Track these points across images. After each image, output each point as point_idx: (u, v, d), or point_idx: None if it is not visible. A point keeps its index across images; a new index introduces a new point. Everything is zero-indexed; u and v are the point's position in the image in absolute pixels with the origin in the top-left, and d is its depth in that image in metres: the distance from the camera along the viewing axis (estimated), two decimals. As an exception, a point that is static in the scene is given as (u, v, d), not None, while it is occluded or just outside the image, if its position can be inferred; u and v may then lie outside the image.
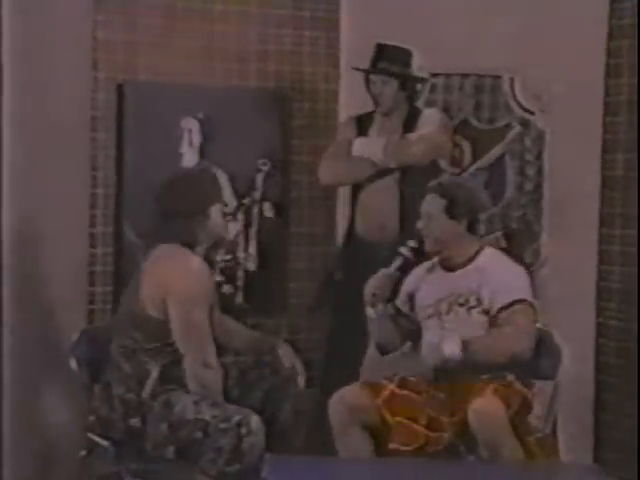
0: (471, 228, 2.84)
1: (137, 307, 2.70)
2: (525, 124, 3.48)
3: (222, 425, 2.58)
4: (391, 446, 2.71)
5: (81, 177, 3.26)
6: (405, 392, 2.79)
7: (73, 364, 2.84)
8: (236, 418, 2.59)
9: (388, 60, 3.20)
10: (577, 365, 3.11)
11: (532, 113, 3.46)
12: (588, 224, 3.42)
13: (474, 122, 3.50)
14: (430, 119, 3.23)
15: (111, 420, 2.68)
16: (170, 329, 2.63)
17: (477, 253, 2.85)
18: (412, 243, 2.92)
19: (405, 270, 2.93)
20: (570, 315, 3.32)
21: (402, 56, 3.22)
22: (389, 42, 3.22)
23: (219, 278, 3.47)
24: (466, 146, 3.52)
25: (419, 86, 3.32)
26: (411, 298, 2.92)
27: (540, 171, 3.48)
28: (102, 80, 3.26)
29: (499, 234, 3.54)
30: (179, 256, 2.69)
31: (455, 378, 2.75)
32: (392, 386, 2.81)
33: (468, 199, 2.83)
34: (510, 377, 2.78)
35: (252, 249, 3.50)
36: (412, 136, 3.20)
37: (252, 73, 3.47)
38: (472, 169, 3.53)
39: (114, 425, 2.68)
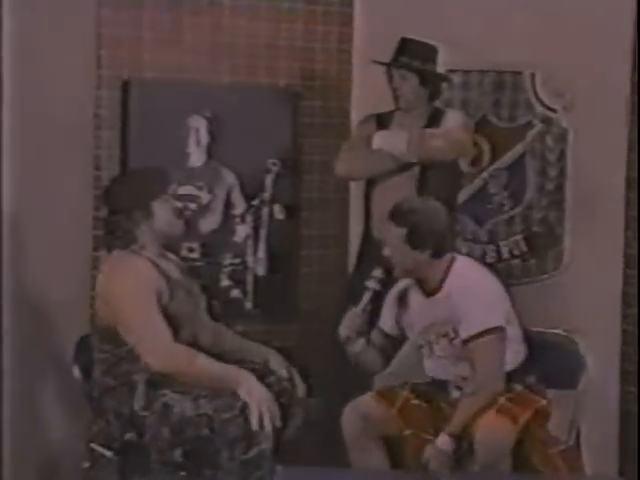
0: (436, 254, 2.74)
1: (96, 319, 2.69)
2: (547, 122, 3.44)
3: (226, 415, 2.55)
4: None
5: (84, 177, 3.24)
6: (417, 402, 2.77)
7: (76, 372, 2.82)
8: (239, 404, 2.56)
9: (410, 55, 3.17)
10: (602, 374, 3.07)
11: (554, 111, 3.43)
12: (613, 227, 3.38)
13: (493, 120, 3.48)
14: (453, 119, 3.20)
15: (111, 432, 2.66)
16: None
17: (446, 274, 2.75)
18: (378, 273, 2.85)
19: (376, 303, 2.87)
20: (594, 322, 3.29)
21: (425, 52, 3.19)
22: (414, 37, 3.18)
23: (227, 283, 3.44)
24: (485, 145, 3.49)
25: (443, 85, 3.27)
26: (397, 318, 2.85)
27: (562, 171, 3.45)
28: (106, 77, 3.24)
29: (519, 237, 3.51)
30: (120, 262, 2.67)
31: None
32: (405, 393, 2.79)
33: (429, 225, 2.72)
34: (518, 387, 2.74)
35: (261, 253, 3.48)
36: (436, 130, 3.17)
37: (262, 70, 3.45)
38: (491, 169, 3.50)
39: (115, 437, 2.66)
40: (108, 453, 2.68)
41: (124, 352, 2.64)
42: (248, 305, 3.47)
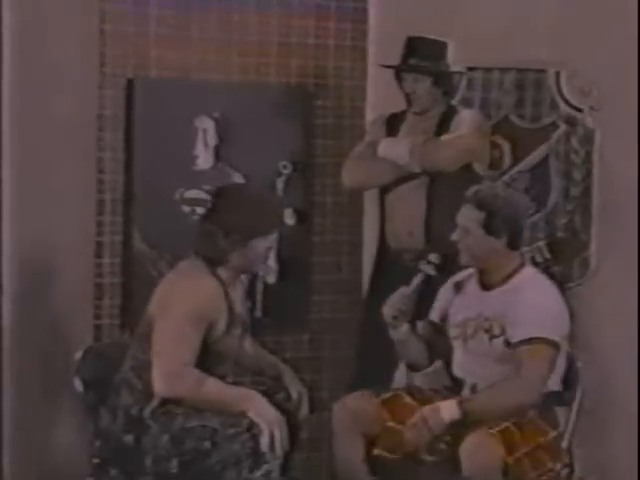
0: (512, 244, 2.74)
1: (146, 320, 2.66)
2: (572, 122, 3.38)
3: (231, 430, 2.54)
4: (376, 452, 2.68)
5: (87, 181, 3.22)
6: (409, 400, 2.75)
7: (78, 385, 2.80)
8: (246, 420, 2.55)
9: (420, 55, 3.14)
10: (625, 390, 3.02)
11: (580, 110, 3.37)
12: (642, 233, 3.34)
13: (515, 120, 3.43)
14: (466, 121, 3.15)
15: (112, 430, 2.63)
16: None
17: (516, 271, 2.75)
18: (433, 258, 2.85)
19: (427, 286, 2.86)
20: (622, 333, 3.23)
21: (435, 49, 3.15)
22: (421, 35, 3.15)
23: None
24: (506, 147, 3.44)
25: (456, 80, 3.24)
26: (446, 312, 2.84)
27: (588, 174, 3.39)
28: (110, 76, 3.22)
29: (542, 244, 3.47)
30: (192, 273, 2.63)
31: None
32: (398, 391, 2.78)
33: (509, 212, 2.72)
34: (530, 412, 2.68)
35: (271, 260, 3.45)
36: (442, 139, 3.12)
37: (272, 68, 3.43)
38: (512, 172, 3.46)
39: (114, 436, 2.63)
40: (112, 470, 2.66)
41: None
42: (257, 314, 3.45)
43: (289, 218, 3.47)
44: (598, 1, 3.28)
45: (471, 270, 2.82)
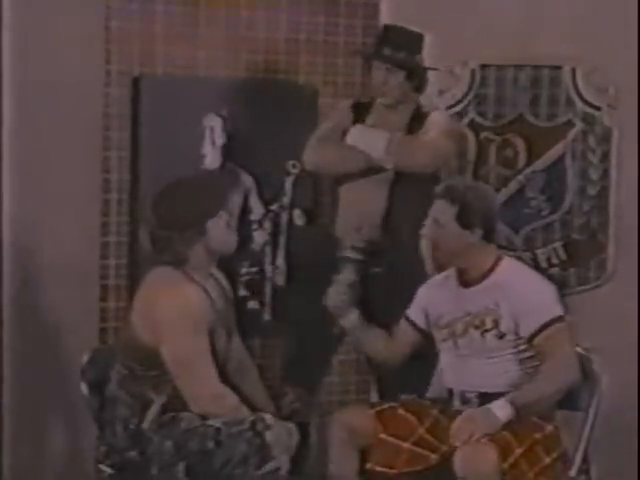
0: (487, 236, 2.72)
1: (129, 333, 2.65)
2: (589, 121, 3.40)
3: (235, 429, 2.54)
4: (368, 466, 2.69)
5: (92, 181, 3.23)
6: (402, 412, 2.74)
7: (83, 388, 2.80)
8: (250, 418, 2.55)
9: (394, 46, 3.04)
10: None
11: (597, 108, 3.40)
12: (661, 233, 3.35)
13: (530, 119, 3.44)
14: (436, 123, 3.05)
15: (115, 444, 2.64)
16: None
17: (495, 265, 2.74)
18: (357, 243, 2.88)
19: (360, 272, 2.92)
20: (636, 336, 3.25)
21: (411, 41, 3.06)
22: (398, 24, 3.07)
23: (243, 293, 3.43)
24: (521, 145, 3.46)
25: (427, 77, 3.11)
26: (426, 313, 2.82)
27: (606, 174, 3.41)
28: (116, 74, 3.23)
29: (558, 245, 3.47)
30: (172, 284, 2.59)
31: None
32: (393, 403, 2.77)
33: (482, 204, 2.71)
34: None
35: (280, 261, 3.46)
36: (420, 140, 3.02)
37: (281, 65, 3.43)
38: (528, 171, 3.47)
39: (118, 449, 2.64)
40: (116, 473, 2.67)
41: (149, 375, 2.60)
42: (266, 317, 3.45)
43: (298, 219, 3.48)
44: (615, -4, 3.31)
45: (446, 273, 2.80)
